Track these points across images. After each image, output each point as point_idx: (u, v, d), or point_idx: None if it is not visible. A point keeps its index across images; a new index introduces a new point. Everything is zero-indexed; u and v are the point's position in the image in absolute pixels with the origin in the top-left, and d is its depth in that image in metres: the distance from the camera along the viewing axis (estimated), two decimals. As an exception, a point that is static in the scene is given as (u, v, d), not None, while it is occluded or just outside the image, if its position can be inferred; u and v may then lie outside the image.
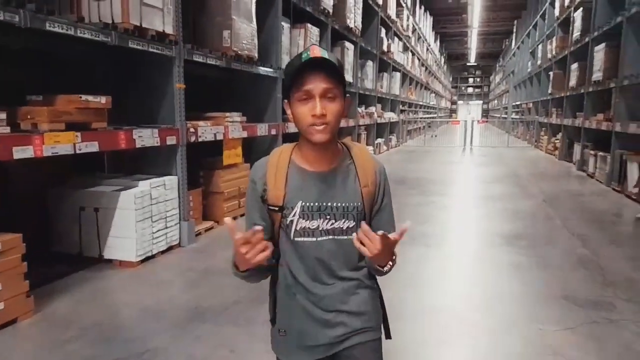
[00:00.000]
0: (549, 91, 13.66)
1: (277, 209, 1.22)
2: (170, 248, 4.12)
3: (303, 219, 1.21)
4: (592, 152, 8.97)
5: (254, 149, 6.13)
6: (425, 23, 21.83)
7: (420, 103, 22.90)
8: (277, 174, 1.22)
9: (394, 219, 1.32)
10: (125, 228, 3.67)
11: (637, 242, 4.80)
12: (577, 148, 10.36)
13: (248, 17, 5.17)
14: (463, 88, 52.16)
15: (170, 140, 4.04)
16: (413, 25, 17.75)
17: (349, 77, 9.16)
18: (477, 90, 51.62)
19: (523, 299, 3.23)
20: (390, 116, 14.31)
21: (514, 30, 25.63)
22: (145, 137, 3.70)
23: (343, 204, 1.21)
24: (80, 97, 3.17)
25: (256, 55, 5.38)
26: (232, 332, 2.67)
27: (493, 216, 5.77)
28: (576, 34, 10.47)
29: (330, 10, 7.78)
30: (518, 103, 22.68)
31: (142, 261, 3.79)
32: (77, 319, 2.81)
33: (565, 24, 11.92)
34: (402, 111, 17.02)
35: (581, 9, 10.18)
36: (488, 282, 3.63)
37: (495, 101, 38.57)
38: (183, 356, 2.41)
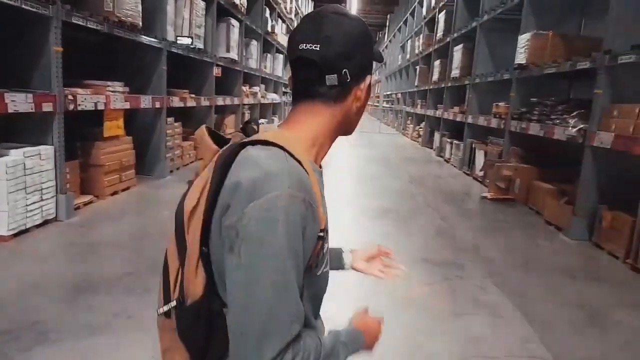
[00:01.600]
0: (416, 84, 15.09)
1: (321, 235, 0.79)
2: (46, 222, 3.85)
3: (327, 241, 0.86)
4: (449, 140, 10.27)
5: (136, 122, 5.88)
6: (307, 7, 22.29)
7: (301, 86, 23.45)
8: (316, 184, 0.80)
9: None
10: (-7, 200, 3.35)
11: (481, 216, 5.76)
12: (437, 136, 11.72)
13: (132, -18, 4.92)
14: (340, 75, 54.47)
15: (47, 107, 3.74)
16: (296, 9, 18.04)
17: (234, 54, 9.12)
18: (352, 78, 54.35)
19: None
20: (273, 97, 14.50)
21: (387, 24, 27.49)
22: (19, 102, 3.39)
23: None
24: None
25: (140, 22, 5.14)
26: (128, 301, 2.68)
27: (368, 193, 6.39)
28: (440, 33, 11.73)
29: (217, -15, 7.65)
30: (389, 93, 24.53)
31: (15, 235, 3.50)
32: (-58, 298, 2.56)
33: (431, 23, 13.24)
34: (284, 93, 17.33)
35: (444, 11, 11.42)
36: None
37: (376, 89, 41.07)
38: (78, 325, 2.38)
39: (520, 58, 6.31)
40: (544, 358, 2.42)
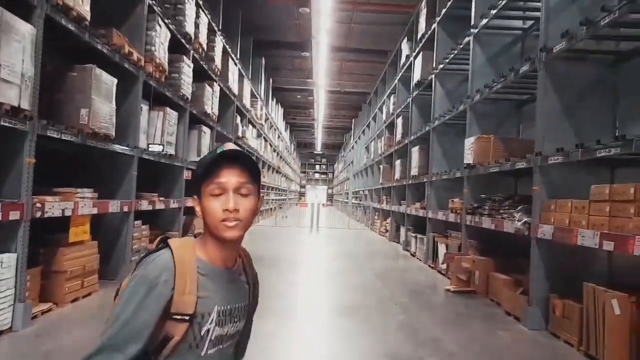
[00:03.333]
0: (380, 181, 15.79)
1: (186, 318, 1.04)
2: (0, 333, 3.74)
3: (217, 325, 1.09)
4: (413, 234, 10.60)
5: (102, 225, 5.96)
6: (277, 113, 23.73)
7: (272, 185, 24.09)
8: (189, 275, 1.05)
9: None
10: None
11: (443, 309, 5.86)
12: (402, 231, 12.06)
13: (108, 98, 5.33)
14: (311, 173, 56.04)
15: (14, 215, 3.85)
16: (266, 115, 19.20)
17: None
18: (322, 176, 55.89)
19: (354, 358, 3.77)
20: (242, 197, 14.80)
21: (352, 127, 29.27)
22: (-13, 211, 3.51)
23: (244, 304, 1.18)
24: None
25: (113, 133, 5.48)
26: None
27: (334, 290, 6.45)
28: (399, 136, 12.64)
29: (189, 97, 8.25)
30: (357, 190, 25.35)
31: (-35, 348, 3.39)
32: None
33: (391, 127, 14.29)
34: (254, 193, 17.71)
35: (401, 116, 12.44)
36: (327, 346, 4.11)
37: (339, 187, 42.24)
38: None
39: (468, 158, 6.89)
40: None
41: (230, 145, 1.12)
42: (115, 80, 5.41)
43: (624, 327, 3.59)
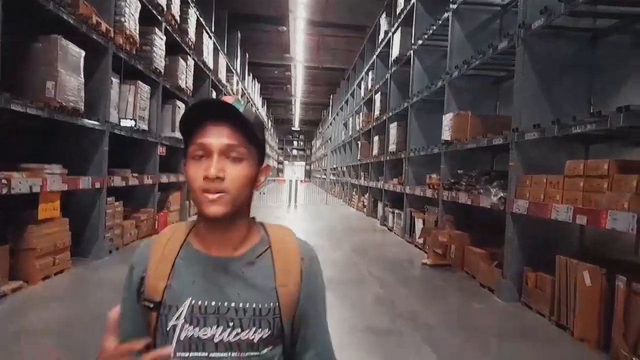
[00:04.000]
0: (358, 157, 15.82)
1: (151, 305, 0.88)
2: (-33, 313, 3.62)
3: (190, 324, 0.86)
4: (391, 210, 10.70)
5: (74, 202, 5.79)
6: (253, 89, 23.33)
7: (249, 162, 23.85)
8: (162, 258, 0.91)
9: (326, 340, 1.00)
10: None
11: (420, 283, 5.96)
12: (380, 206, 12.16)
13: (75, 70, 5.09)
14: (289, 150, 55.79)
15: (-22, 192, 3.68)
16: (242, 90, 18.85)
17: (179, 134, 9.29)
18: (301, 152, 55.74)
19: (334, 332, 3.79)
20: (219, 174, 14.65)
21: (330, 103, 29.08)
22: (-52, 188, 3.34)
23: (253, 305, 0.88)
24: None
25: (82, 107, 5.26)
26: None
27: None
28: (377, 112, 12.61)
29: (162, 70, 7.99)
30: (335, 166, 25.38)
31: None
32: None
33: (369, 103, 14.24)
34: (231, 169, 17.54)
35: (380, 93, 12.39)
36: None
37: (317, 163, 42.26)
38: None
39: (446, 135, 6.92)
40: (474, 419, 2.52)
41: (226, 98, 0.89)
42: (83, 52, 5.17)
43: (594, 298, 3.70)
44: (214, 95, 12.89)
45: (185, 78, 9.50)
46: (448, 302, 4.92)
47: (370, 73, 14.12)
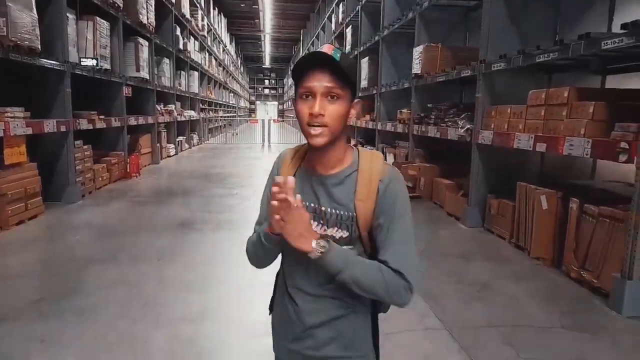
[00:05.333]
0: (331, 95, 15.64)
1: None
2: (-57, 259, 3.63)
3: None
4: (363, 146, 10.81)
5: (40, 147, 5.67)
6: (220, 24, 22.32)
7: (220, 102, 23.36)
8: (288, 169, 1.22)
9: (404, 248, 1.15)
10: None
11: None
12: (352, 143, 12.22)
13: (27, 5, 4.80)
14: (260, 89, 54.55)
15: (-63, 137, 3.57)
16: (208, 26, 18.03)
17: (144, 74, 8.99)
18: (272, 91, 54.62)
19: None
20: (190, 114, 14.36)
21: (301, 38, 28.20)
22: None
23: (337, 211, 1.14)
24: None
25: (39, 46, 5.01)
26: (40, 326, 2.67)
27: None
28: (348, 47, 12.34)
29: (121, 4, 7.56)
30: (308, 104, 25.05)
31: None
32: None
33: (341, 37, 13.87)
34: (202, 110, 17.17)
35: (351, 26, 12.07)
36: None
37: (289, 102, 41.65)
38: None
39: (416, 68, 6.91)
40: (436, 328, 2.77)
41: (325, 48, 1.08)
42: (33, -15, 4.84)
43: (550, 220, 3.97)
44: (178, 31, 12.34)
45: (147, 13, 9.02)
46: (417, 230, 5.10)
47: (341, 5, 13.65)
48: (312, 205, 1.15)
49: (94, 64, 6.54)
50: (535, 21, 5.08)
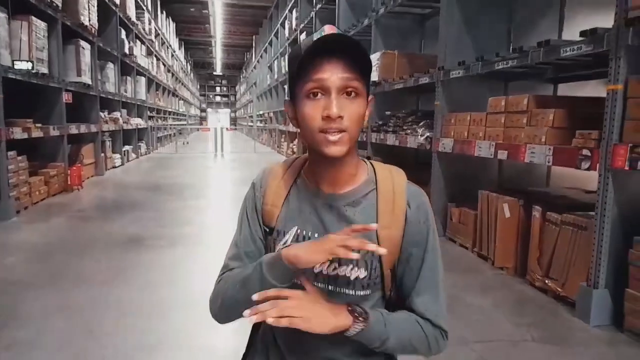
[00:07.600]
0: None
1: (266, 229, 0.94)
2: None
3: None
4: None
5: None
6: (168, 29, 21.65)
7: (169, 109, 22.59)
8: (279, 186, 0.94)
9: (437, 291, 0.91)
10: None
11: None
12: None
13: (-51, 1, 4.31)
14: (211, 96, 53.54)
15: None
16: (156, 30, 17.40)
17: (86, 79, 8.44)
18: (224, 99, 53.74)
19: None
20: (137, 122, 13.70)
21: (254, 44, 27.88)
22: None
23: None
24: None
25: (-37, 47, 4.51)
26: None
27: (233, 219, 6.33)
28: (302, 53, 12.24)
29: (59, 4, 7.03)
30: (261, 112, 24.79)
31: None
32: None
33: (294, 44, 13.78)
34: (150, 117, 16.49)
35: (305, 32, 11.98)
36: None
37: (242, 110, 41.04)
38: None
39: (374, 75, 6.85)
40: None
41: (330, 28, 0.82)
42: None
43: (512, 229, 3.96)
44: (123, 35, 11.76)
45: (89, 14, 8.49)
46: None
47: (294, 11, 13.55)
48: (316, 235, 0.87)
49: (30, 68, 6.01)
50: (490, 26, 5.12)
